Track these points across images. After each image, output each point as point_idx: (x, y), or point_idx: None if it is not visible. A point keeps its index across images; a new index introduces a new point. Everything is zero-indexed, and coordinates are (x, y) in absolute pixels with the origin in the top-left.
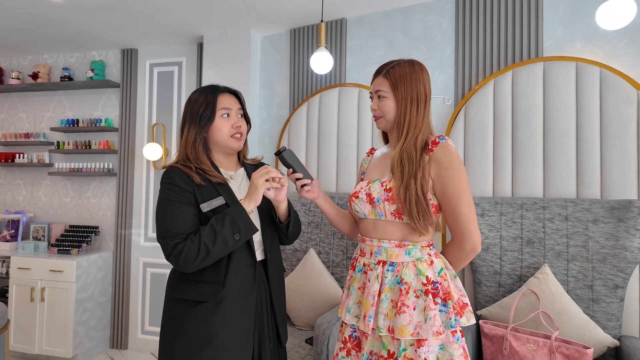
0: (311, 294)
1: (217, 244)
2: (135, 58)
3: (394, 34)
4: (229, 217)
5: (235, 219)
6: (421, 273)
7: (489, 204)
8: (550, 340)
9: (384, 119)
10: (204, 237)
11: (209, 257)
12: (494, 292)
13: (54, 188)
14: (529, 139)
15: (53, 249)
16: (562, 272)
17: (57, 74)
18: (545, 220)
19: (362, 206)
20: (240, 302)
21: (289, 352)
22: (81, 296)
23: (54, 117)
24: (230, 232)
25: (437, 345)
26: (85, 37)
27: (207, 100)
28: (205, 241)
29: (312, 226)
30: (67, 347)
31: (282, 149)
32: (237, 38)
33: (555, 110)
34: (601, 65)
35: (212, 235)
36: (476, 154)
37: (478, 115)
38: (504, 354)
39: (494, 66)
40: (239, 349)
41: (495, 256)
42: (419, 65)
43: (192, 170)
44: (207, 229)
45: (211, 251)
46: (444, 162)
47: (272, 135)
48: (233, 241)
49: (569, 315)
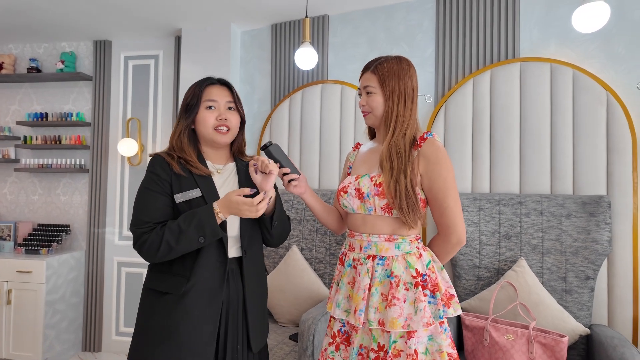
0: (294, 290)
1: (180, 243)
2: (108, 50)
3: (376, 32)
4: (197, 219)
5: (203, 223)
6: (410, 266)
7: (468, 199)
8: (528, 330)
9: (372, 114)
10: (168, 234)
11: (172, 253)
12: (474, 285)
13: (21, 185)
14: (506, 137)
15: (20, 249)
16: (538, 264)
17: (23, 65)
18: (521, 215)
19: (351, 201)
20: (205, 298)
21: (273, 349)
22: (51, 298)
23: (20, 111)
24: (195, 235)
25: (426, 336)
26: (55, 27)
27: (195, 91)
28: (168, 238)
29: (294, 222)
30: (37, 350)
31: (269, 143)
32: (216, 32)
33: (530, 110)
34: (574, 66)
35: (177, 233)
36: (456, 152)
37: (458, 113)
38: (485, 344)
39: (473, 66)
40: (199, 346)
41: (474, 250)
42: (406, 61)
43: (174, 159)
44: (174, 225)
45: (174, 248)
46: (431, 158)
47: (253, 132)
48: (197, 243)
49: (544, 305)
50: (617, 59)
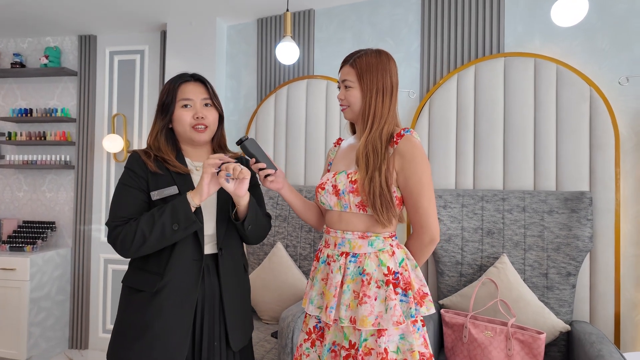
0: (278, 287)
1: (154, 232)
2: (94, 45)
3: (362, 27)
4: (170, 207)
5: (177, 209)
6: (382, 264)
7: (451, 196)
8: (506, 327)
9: (350, 109)
10: (142, 224)
11: (146, 244)
12: (456, 281)
13: (6, 182)
14: (490, 133)
15: (4, 246)
16: (520, 261)
17: (7, 60)
18: (504, 212)
19: (328, 198)
20: (179, 296)
21: (254, 346)
22: (36, 295)
23: (4, 106)
24: (169, 222)
25: (397, 335)
26: (39, 21)
27: (169, 89)
28: (142, 227)
29: (279, 219)
30: (21, 348)
31: (244, 138)
32: (202, 27)
33: (514, 105)
34: (557, 62)
35: (151, 222)
36: (440, 148)
37: (442, 109)
38: (464, 341)
39: (458, 61)
40: (173, 344)
41: (457, 247)
42: (385, 55)
43: (150, 157)
44: (148, 215)
45: (148, 239)
46: (407, 155)
47: (239, 127)
48: (171, 231)
49: (525, 302)
50: (600, 54)
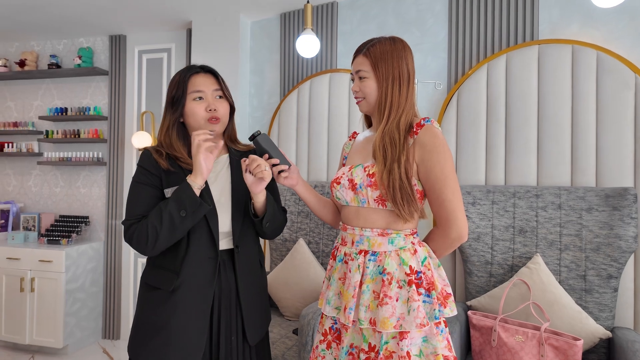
0: (300, 284)
1: (164, 224)
2: (123, 45)
3: (386, 18)
4: (174, 195)
5: (180, 195)
6: (404, 263)
7: (481, 192)
8: (539, 332)
9: (365, 101)
10: (151, 218)
11: (160, 238)
12: (485, 282)
13: (44, 178)
14: (522, 125)
15: (43, 239)
16: (555, 261)
17: (44, 62)
18: (538, 209)
19: (344, 193)
20: (195, 294)
21: (275, 343)
22: (71, 287)
23: (42, 106)
24: (176, 209)
25: (420, 338)
26: (73, 23)
27: (179, 82)
28: (152, 222)
29: (302, 216)
30: (58, 337)
31: (257, 133)
32: (226, 23)
33: (549, 96)
34: (598, 48)
35: (159, 214)
36: (468, 141)
37: (471, 101)
38: (492, 345)
39: (488, 50)
40: (189, 342)
41: (486, 246)
42: (400, 42)
43: (162, 156)
44: (156, 209)
45: (160, 232)
46: (428, 145)
47: (263, 124)
48: (180, 218)
49: (560, 305)
50: None
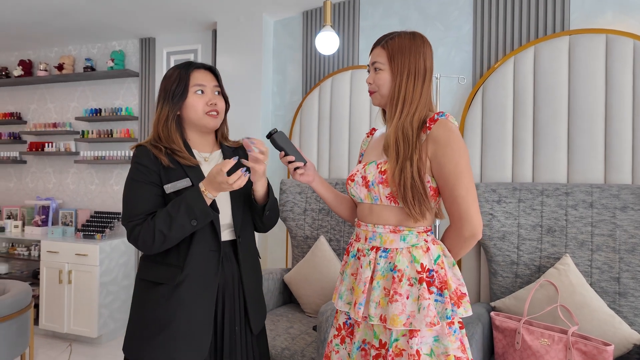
0: (320, 280)
1: (173, 230)
2: (152, 47)
3: (409, 12)
4: (185, 203)
5: (192, 205)
6: (416, 260)
7: (507, 190)
8: (566, 335)
9: (378, 93)
10: (159, 223)
11: (167, 241)
12: (511, 283)
13: (80, 176)
14: (551, 120)
15: (79, 234)
16: (586, 263)
17: (80, 65)
18: (568, 207)
19: (358, 190)
20: (200, 287)
21: (295, 338)
22: (105, 279)
23: (78, 107)
24: (187, 219)
25: (431, 337)
26: (106, 28)
27: (180, 76)
28: (160, 227)
29: (322, 213)
30: (93, 327)
31: (273, 131)
32: (249, 23)
33: (581, 88)
34: (635, 36)
35: (168, 220)
36: (494, 137)
37: (496, 95)
38: (516, 347)
39: (515, 42)
40: (195, 336)
41: (512, 245)
42: (420, 37)
43: (161, 152)
44: (163, 213)
45: (168, 236)
46: (441, 140)
47: (285, 122)
48: (191, 227)
49: (591, 309)
50: None
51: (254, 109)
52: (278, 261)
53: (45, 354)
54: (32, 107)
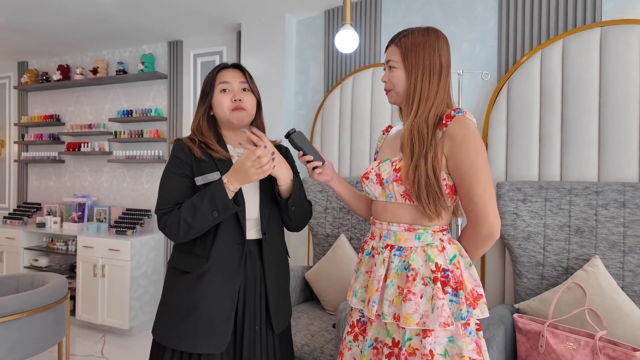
0: (341, 278)
1: (196, 220)
2: (180, 49)
3: (432, 9)
4: (209, 194)
5: (215, 197)
6: (430, 259)
7: (532, 188)
8: (593, 340)
9: (394, 91)
10: (184, 212)
11: (191, 231)
12: (536, 284)
13: (113, 174)
14: (581, 116)
15: (112, 230)
16: (617, 265)
17: (113, 68)
18: (598, 207)
19: (373, 187)
20: (223, 279)
21: (315, 335)
22: (135, 274)
23: (111, 109)
24: (209, 210)
25: (445, 337)
26: (136, 32)
27: (209, 77)
28: (184, 216)
29: (343, 212)
30: (124, 319)
31: (292, 130)
32: (272, 23)
33: (613, 83)
34: None
35: (192, 210)
36: (520, 135)
37: (523, 91)
38: (540, 351)
39: (543, 36)
40: (217, 326)
41: (537, 246)
42: (435, 32)
43: (195, 144)
44: (189, 204)
45: (192, 226)
46: (457, 137)
47: (307, 121)
48: (213, 218)
49: (622, 313)
50: None
51: (277, 109)
52: (300, 259)
53: (81, 344)
54: (69, 109)
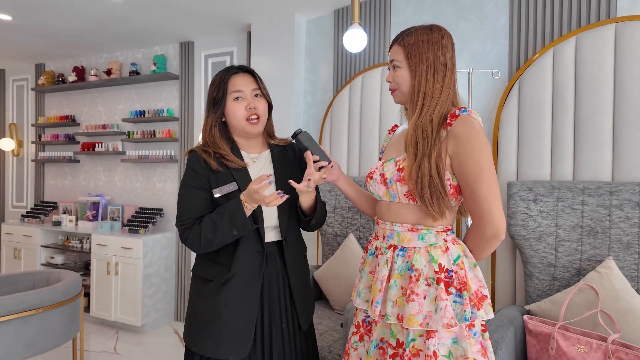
0: (349, 278)
1: (217, 236)
2: (191, 50)
3: (441, 6)
4: (228, 213)
5: (234, 216)
6: (434, 260)
7: (544, 188)
8: (606, 343)
9: (399, 91)
10: (205, 229)
11: (212, 245)
12: (548, 286)
13: (126, 174)
14: (594, 114)
15: (125, 229)
16: (632, 266)
17: (126, 70)
18: (612, 207)
19: (377, 187)
20: (244, 286)
21: (323, 335)
22: (148, 271)
23: (125, 109)
24: (229, 228)
25: (449, 338)
26: (149, 33)
27: (219, 83)
28: (205, 232)
29: (352, 211)
30: (137, 316)
31: (298, 131)
32: (282, 24)
33: (629, 80)
34: None
35: (213, 227)
36: (532, 134)
37: (534, 89)
38: (550, 353)
39: (555, 33)
40: (240, 330)
41: (549, 246)
42: (438, 30)
43: (210, 156)
44: (209, 220)
45: (213, 242)
46: (462, 137)
47: (317, 120)
48: (232, 235)
49: (636, 316)
50: None
51: (286, 109)
52: (309, 258)
53: (95, 340)
54: (84, 110)
